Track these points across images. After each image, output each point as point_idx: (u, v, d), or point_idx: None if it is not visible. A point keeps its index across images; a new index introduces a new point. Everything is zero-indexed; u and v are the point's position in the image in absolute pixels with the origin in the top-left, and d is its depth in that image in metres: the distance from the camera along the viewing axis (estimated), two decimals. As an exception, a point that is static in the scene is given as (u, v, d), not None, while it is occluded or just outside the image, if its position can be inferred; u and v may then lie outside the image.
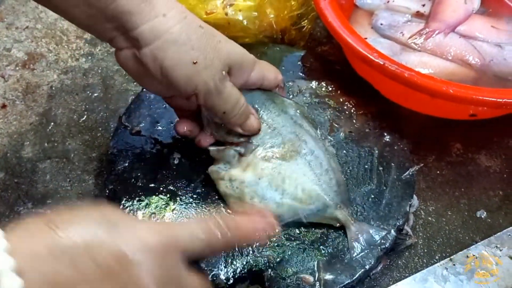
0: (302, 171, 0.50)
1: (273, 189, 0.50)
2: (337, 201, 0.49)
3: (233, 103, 0.47)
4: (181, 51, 0.43)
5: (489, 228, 0.55)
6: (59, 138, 0.62)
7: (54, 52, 0.73)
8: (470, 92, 0.52)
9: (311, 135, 0.53)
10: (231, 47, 0.47)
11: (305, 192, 0.49)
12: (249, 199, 0.50)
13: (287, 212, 0.49)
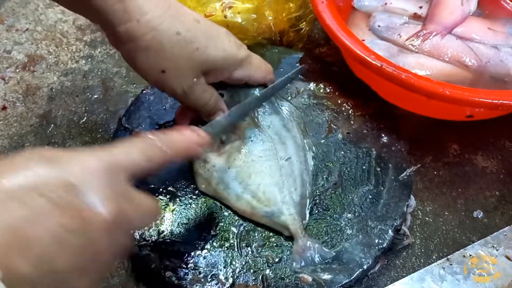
0: (270, 172, 0.51)
1: (238, 181, 0.51)
2: (293, 211, 0.50)
3: (201, 104, 0.49)
4: (151, 60, 0.44)
5: (485, 228, 0.55)
6: (59, 139, 0.63)
7: (54, 54, 0.73)
8: (466, 94, 0.51)
9: (295, 141, 0.54)
10: (211, 53, 0.46)
11: (265, 194, 0.50)
12: (215, 183, 0.51)
13: (245, 208, 0.50)
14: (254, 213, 0.50)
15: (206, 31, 0.46)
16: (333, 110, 0.61)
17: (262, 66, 0.53)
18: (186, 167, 0.55)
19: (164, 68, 0.45)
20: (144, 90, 0.62)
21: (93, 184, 0.31)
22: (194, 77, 0.47)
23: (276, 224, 0.50)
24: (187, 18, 0.46)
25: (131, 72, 0.70)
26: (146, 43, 0.43)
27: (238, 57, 0.49)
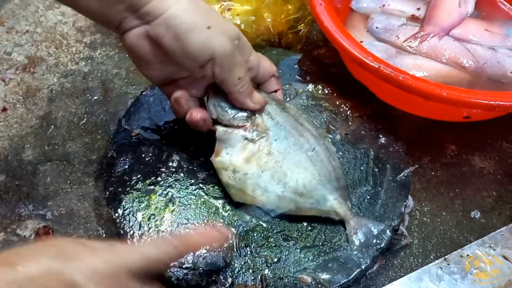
0: (303, 165, 0.52)
1: (275, 182, 0.51)
2: (336, 195, 0.51)
3: (245, 70, 0.49)
4: (194, 18, 0.44)
5: (483, 228, 0.56)
6: (59, 140, 0.63)
7: (54, 55, 0.73)
8: (463, 95, 0.52)
9: (311, 133, 0.54)
10: (228, 26, 0.47)
11: (306, 186, 0.51)
12: (250, 191, 0.51)
13: (288, 205, 0.51)
14: (300, 208, 0.51)
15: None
16: (331, 111, 0.61)
17: (264, 56, 0.54)
18: (185, 169, 0.55)
19: (209, 24, 0.44)
20: (143, 92, 0.63)
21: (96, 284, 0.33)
22: (235, 39, 0.46)
23: (323, 212, 0.51)
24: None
25: (130, 74, 0.71)
26: (184, 5, 0.44)
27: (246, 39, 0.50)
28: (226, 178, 0.51)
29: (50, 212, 0.56)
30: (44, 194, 0.58)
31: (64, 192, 0.58)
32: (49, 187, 0.59)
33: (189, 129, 0.57)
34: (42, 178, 0.59)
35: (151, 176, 0.55)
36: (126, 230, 0.51)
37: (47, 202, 0.57)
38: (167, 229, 0.50)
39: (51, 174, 0.60)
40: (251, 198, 0.51)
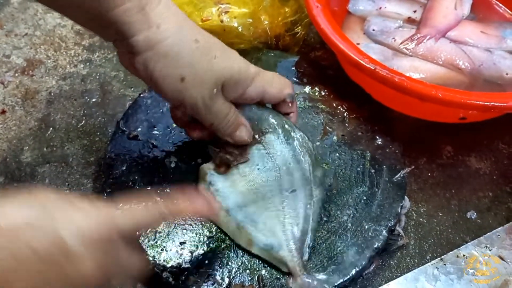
0: (272, 204, 0.50)
1: (239, 208, 0.50)
2: (292, 247, 0.48)
3: (221, 118, 0.47)
4: (170, 66, 0.43)
5: (479, 228, 0.56)
6: (57, 143, 0.63)
7: (53, 58, 0.73)
8: (458, 96, 0.52)
9: (303, 174, 0.51)
10: (228, 64, 0.46)
11: (266, 225, 0.49)
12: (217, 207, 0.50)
13: (245, 237, 0.49)
14: (253, 244, 0.49)
15: (220, 43, 0.47)
16: (328, 112, 0.61)
17: (275, 80, 0.51)
18: (182, 171, 0.55)
19: (183, 75, 0.44)
20: (141, 94, 0.63)
21: (85, 245, 0.31)
22: (214, 87, 0.45)
23: (274, 259, 0.48)
24: (203, 30, 0.46)
25: (129, 76, 0.71)
26: (165, 49, 0.43)
27: (250, 72, 0.48)
28: (201, 188, 0.52)
29: (48, 213, 0.56)
30: None
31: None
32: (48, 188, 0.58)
33: (186, 131, 0.58)
34: (41, 180, 0.59)
35: (148, 178, 0.55)
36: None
37: None
38: (164, 230, 0.51)
39: (49, 176, 0.60)
40: (216, 215, 0.50)
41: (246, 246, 0.49)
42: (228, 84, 0.46)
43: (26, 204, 0.31)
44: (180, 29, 0.43)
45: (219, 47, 0.46)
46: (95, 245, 0.32)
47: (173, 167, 0.56)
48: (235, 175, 0.51)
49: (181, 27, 0.44)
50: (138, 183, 0.55)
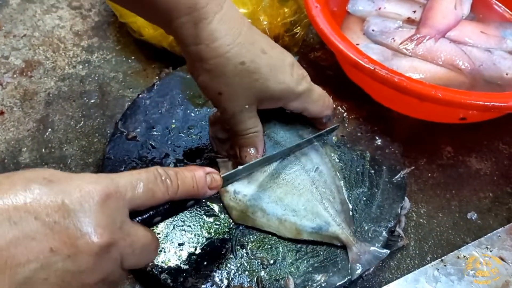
0: (305, 187, 0.51)
1: (275, 204, 0.50)
2: (339, 220, 0.49)
3: (241, 129, 0.50)
4: (212, 81, 0.46)
5: (479, 229, 0.55)
6: (56, 144, 0.63)
7: (52, 59, 0.73)
8: (458, 96, 0.52)
9: (317, 150, 0.54)
10: (270, 85, 0.48)
11: (307, 209, 0.50)
12: (251, 213, 0.50)
13: (289, 228, 0.49)
14: (301, 231, 0.49)
15: (270, 62, 0.47)
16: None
17: (320, 101, 0.53)
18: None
19: (221, 91, 0.47)
20: (140, 95, 0.63)
21: (90, 211, 0.31)
22: (247, 104, 0.48)
23: (325, 237, 0.49)
24: (255, 47, 0.47)
25: (127, 77, 0.71)
26: (210, 67, 0.45)
27: (296, 91, 0.50)
28: (228, 199, 0.51)
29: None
30: None
31: None
32: None
33: (185, 132, 0.58)
34: None
35: (147, 179, 0.55)
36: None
37: None
38: (163, 231, 0.50)
39: None
40: (252, 220, 0.50)
41: (295, 236, 0.50)
42: (266, 101, 0.49)
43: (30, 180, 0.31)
44: (229, 49, 0.45)
45: (267, 68, 0.47)
46: (100, 209, 0.31)
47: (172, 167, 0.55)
48: (256, 175, 0.52)
49: (231, 47, 0.45)
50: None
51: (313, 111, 0.53)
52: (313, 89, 0.52)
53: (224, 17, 0.45)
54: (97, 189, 0.32)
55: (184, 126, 0.59)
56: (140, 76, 0.71)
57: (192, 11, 0.43)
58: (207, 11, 0.44)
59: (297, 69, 0.50)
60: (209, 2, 0.44)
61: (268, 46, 0.48)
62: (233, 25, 0.45)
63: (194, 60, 0.46)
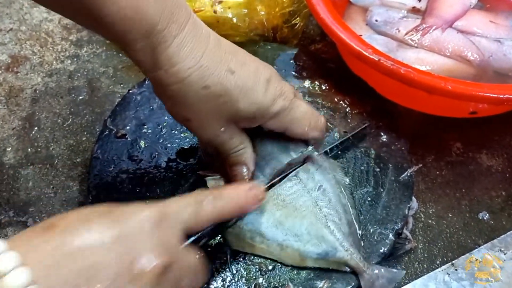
0: (307, 209, 0.47)
1: (275, 228, 0.46)
2: (347, 245, 0.45)
3: (226, 150, 0.47)
4: (176, 108, 0.44)
5: (492, 230, 0.53)
6: (42, 143, 0.61)
7: (39, 54, 0.71)
8: (469, 88, 0.50)
9: (319, 164, 0.49)
10: (240, 106, 0.43)
11: (311, 233, 0.46)
12: (249, 237, 0.46)
13: (292, 255, 0.46)
14: (305, 258, 0.45)
15: (239, 83, 0.43)
16: (329, 108, 0.59)
17: (304, 121, 0.48)
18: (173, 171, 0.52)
19: (189, 118, 0.44)
20: (130, 90, 0.60)
21: (147, 234, 0.33)
22: (221, 127, 0.45)
23: (332, 264, 0.45)
24: (220, 68, 0.42)
25: (118, 72, 0.68)
26: (172, 93, 0.42)
27: (271, 111, 0.45)
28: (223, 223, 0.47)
29: (31, 218, 0.54)
30: (26, 199, 0.55)
31: (47, 197, 0.56)
32: (31, 192, 0.56)
33: (178, 129, 0.55)
34: (24, 183, 0.57)
35: (137, 179, 0.52)
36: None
37: (29, 208, 0.54)
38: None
39: (33, 178, 0.57)
40: (250, 246, 0.46)
41: (299, 263, 0.46)
42: (240, 122, 0.46)
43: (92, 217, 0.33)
44: (189, 74, 0.41)
45: (236, 90, 0.43)
46: (156, 234, 0.33)
47: (164, 167, 0.53)
48: None
49: (192, 71, 0.41)
50: (126, 185, 0.51)
51: (295, 132, 0.48)
52: (294, 107, 0.46)
53: (186, 39, 0.41)
54: (151, 213, 0.34)
55: (177, 123, 0.56)
56: (131, 71, 0.68)
57: (149, 35, 0.39)
58: (166, 35, 0.40)
59: (275, 84, 0.45)
60: (168, 25, 0.40)
61: (238, 63, 0.43)
62: (195, 46, 0.41)
63: (155, 85, 0.43)
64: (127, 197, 0.50)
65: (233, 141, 0.46)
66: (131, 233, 0.32)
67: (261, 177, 0.48)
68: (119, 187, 0.51)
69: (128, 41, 0.40)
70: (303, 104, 0.48)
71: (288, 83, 0.48)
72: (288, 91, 0.46)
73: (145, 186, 0.51)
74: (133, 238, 0.32)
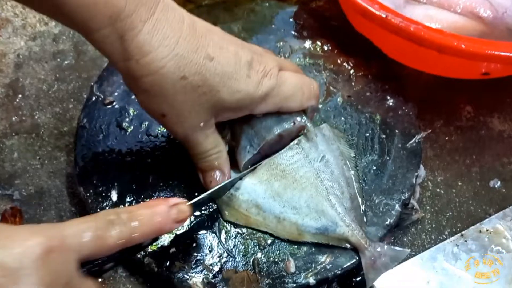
0: (308, 180, 0.45)
1: (272, 200, 0.44)
2: (348, 220, 0.43)
3: (200, 153, 0.44)
4: (151, 102, 0.40)
5: (503, 199, 0.52)
6: (27, 111, 0.58)
7: (21, 16, 0.67)
8: (484, 47, 0.48)
9: (323, 134, 0.47)
10: (222, 96, 0.40)
11: (310, 206, 0.44)
12: (244, 209, 0.45)
13: (288, 229, 0.44)
14: (303, 232, 0.43)
15: (218, 70, 0.40)
16: (332, 70, 0.57)
17: (297, 94, 0.45)
18: (166, 140, 0.49)
19: (164, 113, 0.41)
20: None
21: (31, 268, 0.29)
22: (200, 122, 0.42)
23: (332, 239, 0.43)
24: (198, 55, 0.39)
25: (106, 34, 0.64)
26: (145, 86, 0.39)
27: (258, 95, 0.42)
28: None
29: (17, 191, 0.52)
30: (11, 171, 0.53)
31: (33, 169, 0.53)
32: (16, 163, 0.54)
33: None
34: (9, 154, 0.55)
35: (127, 149, 0.49)
36: (99, 212, 0.45)
37: (14, 181, 0.53)
38: (146, 210, 0.45)
39: (18, 149, 0.55)
40: (245, 217, 0.44)
41: (296, 238, 0.44)
42: (223, 113, 0.43)
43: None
44: (164, 64, 0.38)
45: (215, 78, 0.40)
46: (44, 266, 0.29)
47: (154, 135, 0.50)
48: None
49: (166, 61, 0.38)
50: (115, 156, 0.49)
51: (291, 107, 0.45)
52: (283, 83, 0.43)
53: (157, 25, 0.37)
54: (39, 242, 0.30)
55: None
56: (120, 33, 0.64)
57: (115, 21, 0.36)
58: (134, 20, 0.36)
59: (257, 66, 0.42)
60: (136, 8, 0.36)
61: (216, 48, 0.40)
62: (169, 32, 0.38)
63: (126, 77, 0.40)
64: (116, 168, 0.48)
65: (208, 141, 0.44)
66: (13, 265, 0.29)
67: (248, 147, 0.45)
68: (108, 158, 0.49)
69: (91, 30, 0.36)
70: (291, 75, 0.44)
71: (270, 55, 0.45)
72: (273, 67, 0.43)
73: (135, 156, 0.49)
74: (15, 272, 0.29)
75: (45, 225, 0.32)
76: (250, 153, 0.44)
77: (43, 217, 0.50)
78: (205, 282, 0.42)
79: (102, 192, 0.46)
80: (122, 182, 0.47)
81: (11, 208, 0.50)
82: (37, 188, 0.52)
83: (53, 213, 0.50)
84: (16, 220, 0.49)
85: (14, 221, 0.49)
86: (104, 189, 0.46)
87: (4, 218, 0.49)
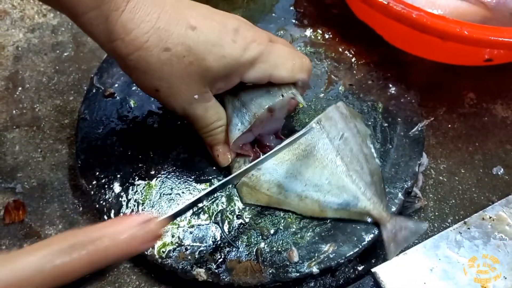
0: (328, 158, 0.45)
1: (294, 178, 0.44)
2: (369, 194, 0.44)
3: (203, 126, 0.45)
4: (142, 79, 0.41)
5: (506, 186, 0.51)
6: (27, 104, 0.58)
7: (19, 8, 0.67)
8: (487, 33, 0.47)
9: (341, 112, 0.47)
10: (208, 64, 0.41)
11: (332, 183, 0.44)
12: (266, 189, 0.45)
13: (311, 206, 0.44)
14: (325, 209, 0.44)
15: (202, 38, 0.40)
16: (333, 59, 0.56)
17: (287, 63, 0.44)
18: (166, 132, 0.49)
19: (157, 87, 0.41)
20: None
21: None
22: (195, 93, 0.42)
23: (354, 214, 0.44)
24: (180, 26, 0.40)
25: (105, 25, 0.64)
26: (133, 63, 0.40)
27: (244, 59, 0.42)
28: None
29: (20, 184, 0.52)
30: (13, 164, 0.53)
31: (35, 161, 0.53)
32: (18, 156, 0.54)
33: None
34: (10, 147, 0.54)
35: (128, 141, 0.49)
36: (102, 203, 0.45)
37: (17, 174, 0.52)
38: (150, 201, 0.45)
39: (19, 142, 0.55)
40: (266, 197, 0.45)
41: (318, 214, 0.44)
42: (215, 83, 0.43)
43: None
44: (147, 38, 0.39)
45: (200, 47, 0.40)
46: None
47: (156, 127, 0.50)
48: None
49: (149, 35, 0.39)
50: (116, 147, 0.49)
51: (280, 76, 0.44)
52: (273, 50, 0.43)
53: (139, 3, 0.39)
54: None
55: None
56: (119, 24, 0.64)
57: (100, 3, 0.37)
58: (117, 1, 0.37)
59: (244, 33, 0.42)
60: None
61: (199, 18, 0.41)
62: (150, 9, 0.39)
63: (117, 58, 0.41)
64: (118, 160, 0.47)
65: (209, 114, 0.44)
66: None
67: (239, 125, 0.45)
68: (109, 150, 0.48)
69: (78, 13, 0.37)
70: (282, 46, 0.45)
71: (263, 30, 0.45)
72: (262, 37, 0.43)
73: (137, 148, 0.48)
74: None
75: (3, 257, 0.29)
76: (240, 130, 0.44)
77: (46, 209, 0.50)
78: (209, 272, 0.41)
79: (104, 184, 0.46)
80: (124, 174, 0.47)
81: (14, 201, 0.50)
82: (39, 181, 0.52)
83: (56, 206, 0.50)
84: (19, 213, 0.50)
85: (17, 214, 0.49)
86: (106, 181, 0.46)
87: (7, 211, 0.49)
